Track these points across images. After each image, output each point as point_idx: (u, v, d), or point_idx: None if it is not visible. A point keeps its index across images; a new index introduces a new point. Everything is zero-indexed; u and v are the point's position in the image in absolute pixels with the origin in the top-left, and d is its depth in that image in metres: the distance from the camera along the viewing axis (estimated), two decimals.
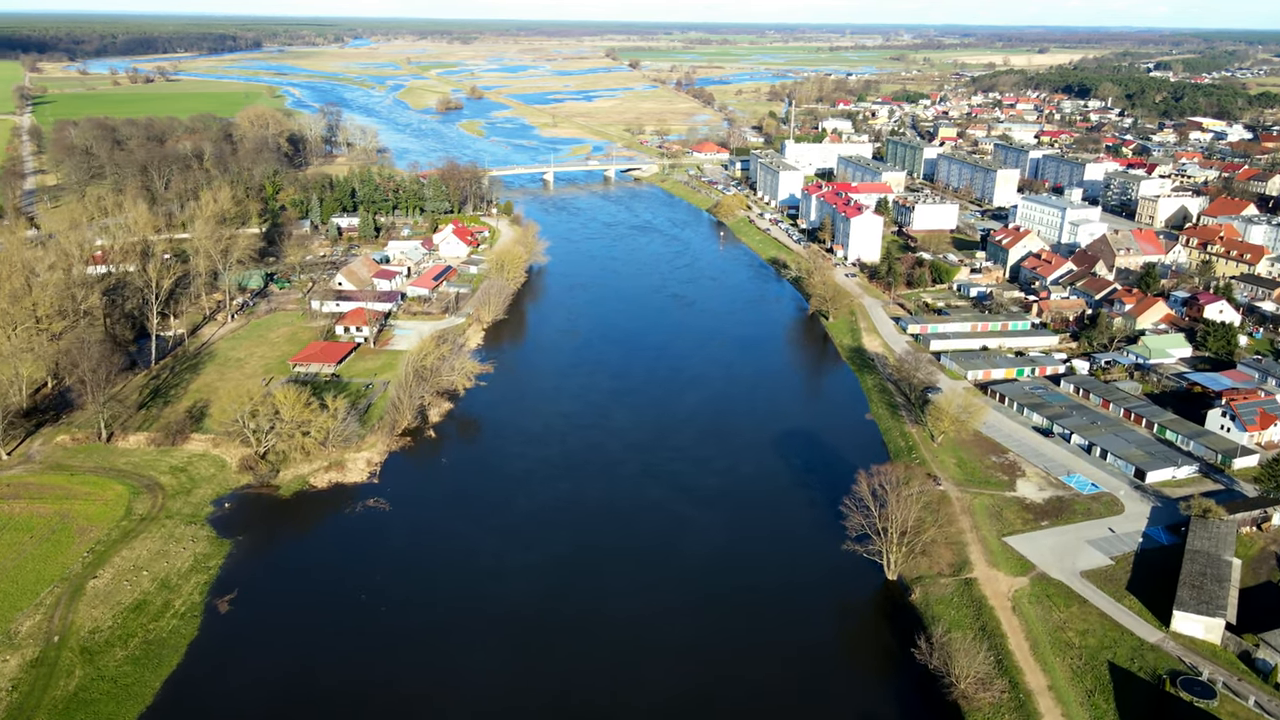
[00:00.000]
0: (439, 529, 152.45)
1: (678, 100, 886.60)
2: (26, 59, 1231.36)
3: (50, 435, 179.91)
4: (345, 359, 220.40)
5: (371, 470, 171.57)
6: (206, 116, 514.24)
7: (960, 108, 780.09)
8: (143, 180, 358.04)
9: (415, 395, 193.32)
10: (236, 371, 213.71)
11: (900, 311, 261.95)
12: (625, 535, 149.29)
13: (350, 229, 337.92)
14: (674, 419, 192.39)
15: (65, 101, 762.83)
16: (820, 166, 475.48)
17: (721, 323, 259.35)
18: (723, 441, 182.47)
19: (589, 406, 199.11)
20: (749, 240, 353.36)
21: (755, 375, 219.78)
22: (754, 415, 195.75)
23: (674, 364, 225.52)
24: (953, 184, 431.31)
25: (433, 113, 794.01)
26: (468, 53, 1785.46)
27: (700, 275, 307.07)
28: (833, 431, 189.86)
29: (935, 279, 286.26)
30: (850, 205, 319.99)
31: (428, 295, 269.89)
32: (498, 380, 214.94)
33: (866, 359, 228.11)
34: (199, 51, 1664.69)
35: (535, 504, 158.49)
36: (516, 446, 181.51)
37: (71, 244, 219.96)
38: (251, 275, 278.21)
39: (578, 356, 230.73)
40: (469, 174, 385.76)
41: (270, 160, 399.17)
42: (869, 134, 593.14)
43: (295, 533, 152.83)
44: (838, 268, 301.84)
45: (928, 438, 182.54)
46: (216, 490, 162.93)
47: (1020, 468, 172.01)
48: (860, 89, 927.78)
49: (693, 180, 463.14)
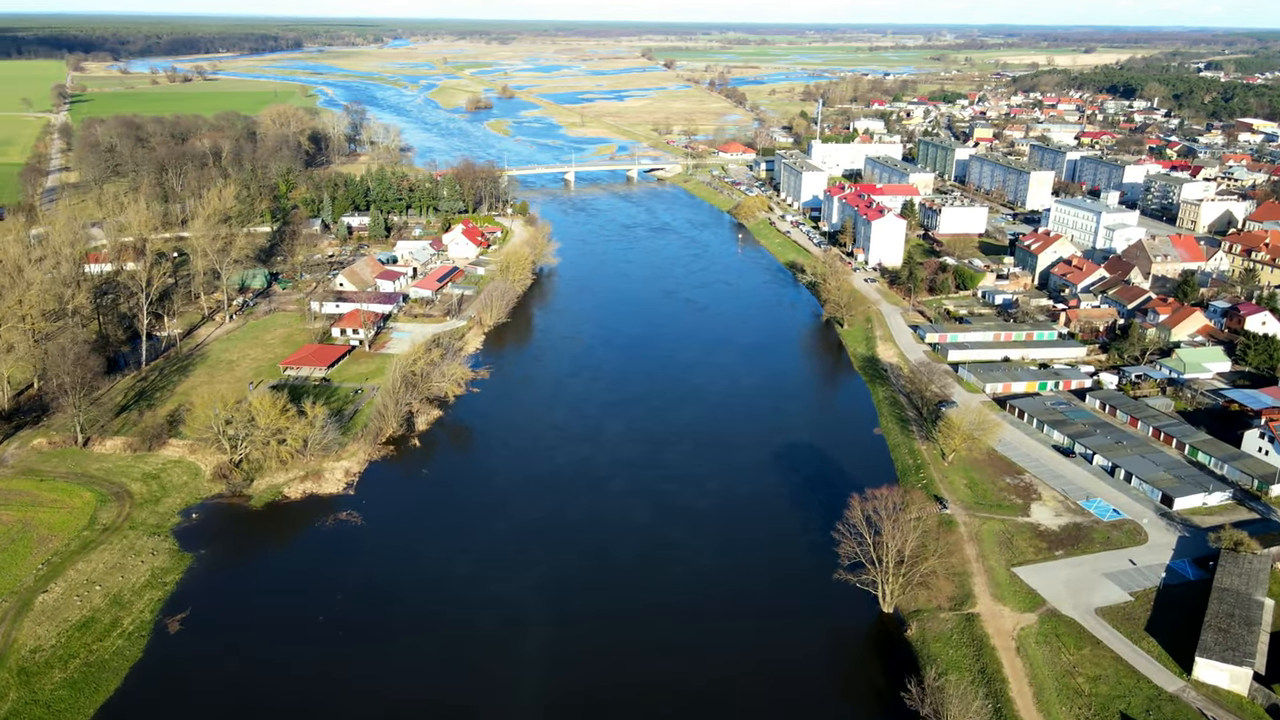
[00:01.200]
0: (410, 548, 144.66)
1: (709, 100, 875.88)
2: (72, 58, 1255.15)
3: (28, 438, 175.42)
4: (338, 362, 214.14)
5: (349, 481, 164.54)
6: (231, 114, 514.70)
7: (999, 108, 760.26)
8: (159, 178, 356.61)
9: (403, 402, 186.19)
10: (227, 374, 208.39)
11: (919, 319, 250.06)
12: (605, 562, 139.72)
13: (361, 228, 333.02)
14: (670, 433, 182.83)
15: (102, 100, 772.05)
16: (847, 167, 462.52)
17: (731, 329, 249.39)
18: (719, 458, 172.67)
19: (582, 418, 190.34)
20: (768, 243, 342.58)
21: (760, 386, 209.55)
22: (755, 429, 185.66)
23: (677, 373, 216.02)
24: (984, 186, 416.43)
25: (462, 112, 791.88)
26: (505, 53, 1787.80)
27: (715, 279, 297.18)
28: (838, 447, 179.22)
29: (959, 285, 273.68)
30: (872, 208, 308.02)
31: (431, 297, 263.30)
32: (492, 387, 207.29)
33: (879, 369, 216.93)
34: (240, 51, 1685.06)
35: (513, 525, 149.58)
36: (502, 460, 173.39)
37: (63, 242, 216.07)
38: (255, 274, 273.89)
39: (577, 364, 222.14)
40: (485, 173, 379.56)
41: (287, 158, 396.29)
42: (902, 135, 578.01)
43: (260, 547, 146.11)
44: (857, 272, 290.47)
45: (938, 455, 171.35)
46: (186, 499, 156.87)
47: (1036, 490, 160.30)
48: (897, 89, 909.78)
49: (716, 181, 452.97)
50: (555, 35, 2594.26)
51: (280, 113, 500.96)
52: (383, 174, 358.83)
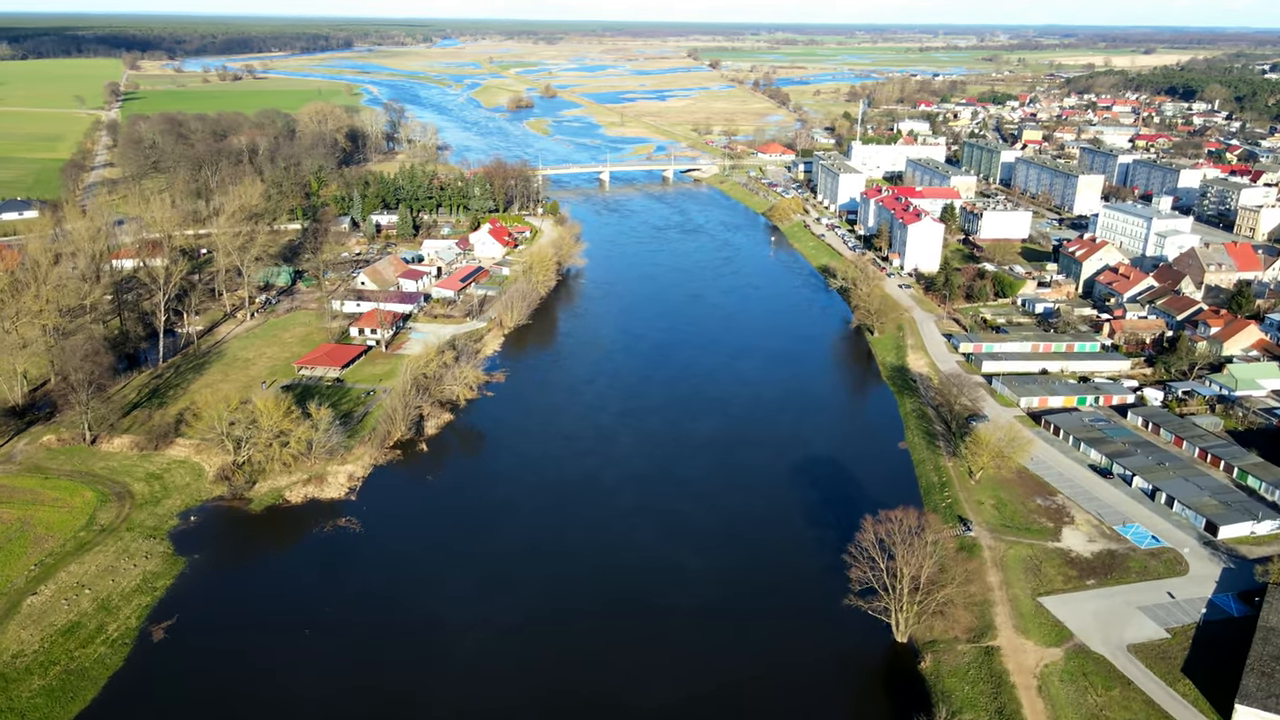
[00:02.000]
0: (405, 559, 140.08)
1: (752, 100, 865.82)
2: (129, 56, 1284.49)
3: (39, 434, 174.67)
4: (353, 363, 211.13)
5: (352, 485, 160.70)
6: (271, 112, 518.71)
7: (1050, 110, 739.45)
8: (194, 175, 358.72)
9: (412, 405, 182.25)
10: (241, 373, 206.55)
11: (954, 328, 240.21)
12: (602, 586, 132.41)
13: (390, 227, 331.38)
14: (685, 446, 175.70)
15: (153, 98, 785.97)
16: (888, 170, 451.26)
17: (757, 336, 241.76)
18: (734, 474, 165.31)
19: (595, 428, 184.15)
20: (801, 246, 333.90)
21: (783, 396, 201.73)
22: (774, 443, 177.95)
23: (697, 381, 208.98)
24: (1030, 190, 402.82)
25: (503, 111, 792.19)
26: (551, 53, 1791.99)
27: (744, 283, 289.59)
28: (859, 462, 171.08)
29: (998, 292, 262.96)
30: (909, 211, 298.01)
31: (453, 297, 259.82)
32: (507, 391, 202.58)
33: (908, 380, 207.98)
34: (292, 51, 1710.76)
35: (511, 542, 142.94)
36: (508, 468, 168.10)
37: (84, 238, 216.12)
38: (279, 272, 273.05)
39: (595, 369, 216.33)
40: (516, 172, 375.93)
41: (320, 156, 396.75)
42: (947, 137, 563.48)
43: (255, 553, 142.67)
44: (891, 278, 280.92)
45: (965, 473, 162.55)
46: (186, 501, 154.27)
47: (1069, 513, 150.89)
48: (945, 90, 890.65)
49: (752, 182, 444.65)
50: (602, 35, 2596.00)
51: (318, 110, 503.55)
52: (413, 172, 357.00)
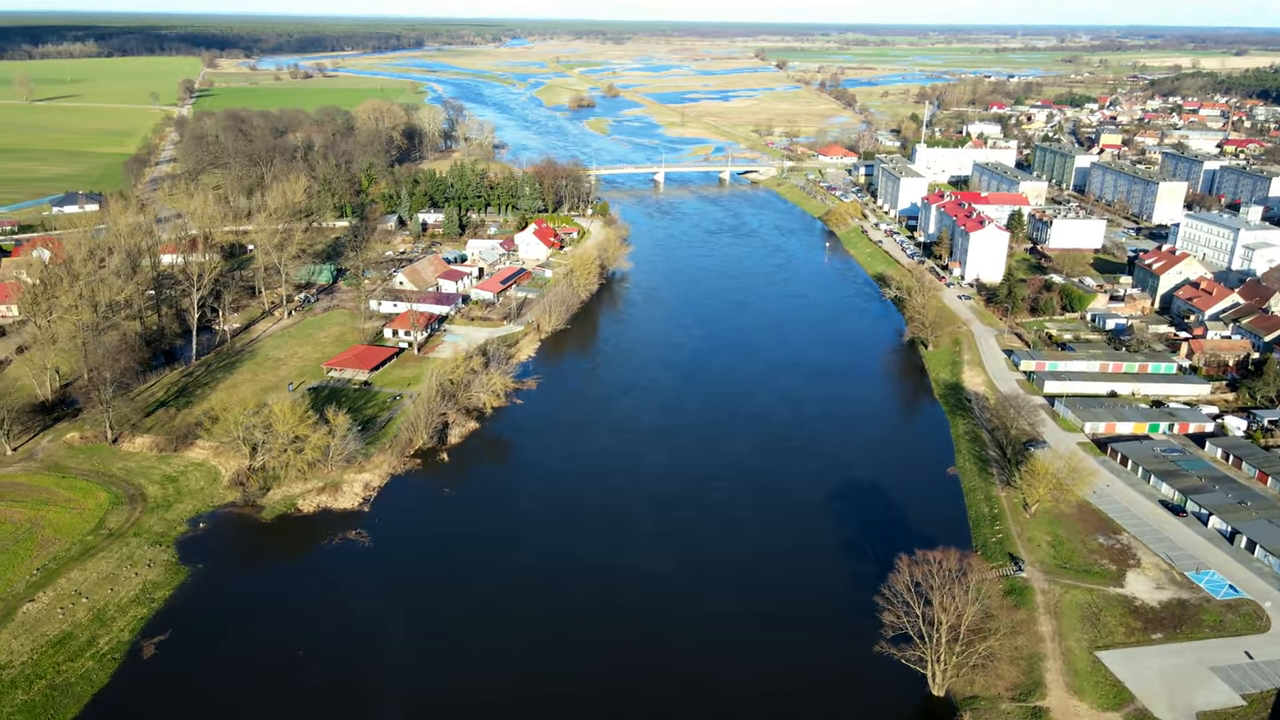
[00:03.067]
0: (411, 576, 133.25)
1: (817, 101, 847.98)
2: (208, 55, 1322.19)
3: (63, 431, 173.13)
4: (383, 365, 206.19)
5: (366, 496, 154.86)
6: (331, 109, 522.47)
7: (1131, 113, 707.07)
8: (247, 171, 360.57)
9: (437, 413, 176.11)
10: (271, 373, 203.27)
11: (1016, 343, 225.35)
12: (613, 622, 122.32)
13: (436, 225, 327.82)
14: (717, 467, 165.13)
15: (225, 95, 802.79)
16: (954, 174, 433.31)
17: (803, 348, 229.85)
18: (766, 499, 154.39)
19: (624, 443, 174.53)
20: (857, 253, 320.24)
21: (826, 414, 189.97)
22: (812, 465, 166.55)
23: (736, 396, 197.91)
24: (1105, 197, 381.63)
25: (564, 110, 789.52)
26: (618, 52, 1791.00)
27: (794, 291, 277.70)
28: (904, 489, 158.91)
29: (1065, 306, 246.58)
30: (972, 218, 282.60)
31: (492, 299, 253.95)
32: (537, 399, 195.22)
33: (963, 398, 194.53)
34: (364, 50, 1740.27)
35: (521, 567, 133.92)
36: (529, 484, 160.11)
37: (122, 233, 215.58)
38: (320, 270, 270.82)
39: (630, 379, 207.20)
40: (567, 172, 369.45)
41: (373, 153, 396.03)
42: (1019, 140, 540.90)
43: (258, 565, 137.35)
44: (950, 288, 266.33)
45: (1019, 505, 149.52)
46: (198, 506, 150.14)
47: (1135, 555, 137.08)
48: (1019, 92, 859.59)
49: (810, 185, 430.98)
50: (670, 35, 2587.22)
51: (375, 108, 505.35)
52: (463, 170, 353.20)
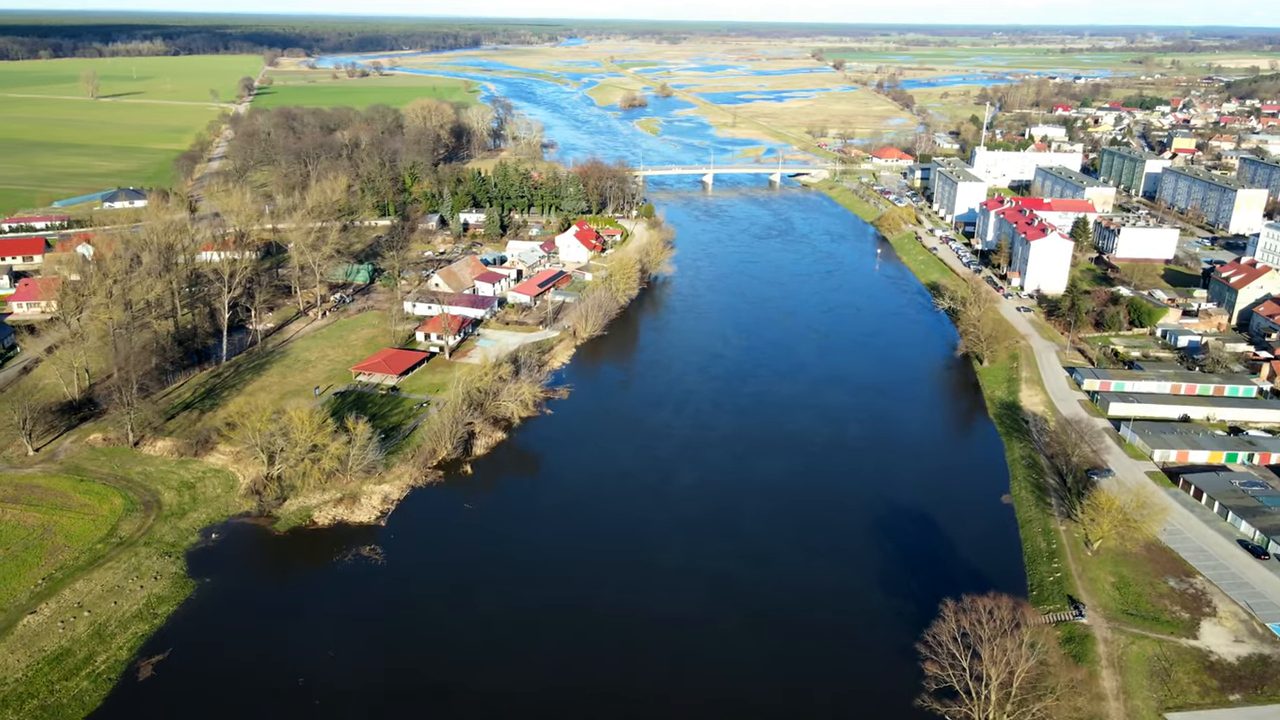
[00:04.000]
0: (422, 600, 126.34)
1: (874, 102, 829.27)
2: (269, 53, 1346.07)
3: (87, 432, 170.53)
4: (412, 370, 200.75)
5: (384, 509, 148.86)
6: (381, 108, 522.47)
7: (1206, 116, 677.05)
8: (292, 169, 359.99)
9: (462, 422, 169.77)
10: (299, 375, 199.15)
11: (1079, 360, 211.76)
12: (630, 661, 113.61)
13: (478, 225, 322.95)
14: (751, 491, 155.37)
15: (283, 93, 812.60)
16: (1016, 178, 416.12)
17: (849, 362, 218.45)
18: (801, 528, 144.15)
19: (653, 462, 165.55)
20: (910, 260, 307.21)
21: (870, 434, 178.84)
22: (855, 491, 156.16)
23: (775, 413, 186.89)
24: (1178, 204, 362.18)
25: (615, 109, 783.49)
26: (673, 52, 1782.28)
27: (843, 301, 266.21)
28: (953, 519, 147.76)
29: (1133, 321, 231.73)
30: (1033, 225, 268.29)
31: (528, 303, 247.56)
32: (567, 411, 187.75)
33: (1019, 420, 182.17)
34: (422, 49, 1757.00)
35: (537, 595, 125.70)
36: (551, 504, 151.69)
37: (155, 231, 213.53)
38: (358, 270, 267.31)
39: (664, 393, 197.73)
40: (612, 173, 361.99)
41: (421, 152, 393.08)
42: (1085, 143, 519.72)
43: (266, 581, 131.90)
44: (1009, 299, 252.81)
45: (1080, 541, 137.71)
46: (211, 516, 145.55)
47: (1210, 602, 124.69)
48: (1086, 94, 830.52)
49: (863, 188, 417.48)
50: (727, 36, 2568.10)
51: (424, 106, 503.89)
52: (506, 170, 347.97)
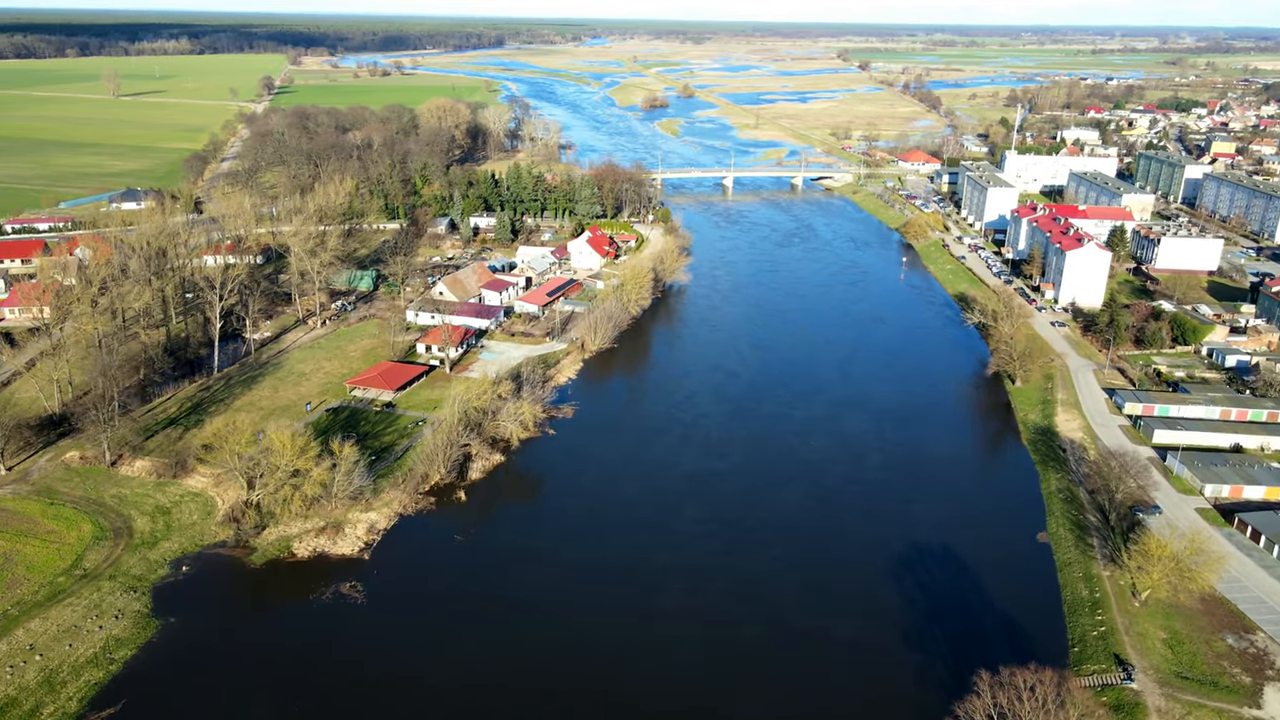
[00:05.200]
0: (401, 646, 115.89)
1: (900, 104, 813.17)
2: (293, 52, 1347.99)
3: (64, 449, 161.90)
4: (410, 385, 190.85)
5: (369, 540, 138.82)
6: (397, 108, 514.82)
7: (1245, 119, 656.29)
8: (299, 170, 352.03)
9: (458, 444, 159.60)
10: (292, 389, 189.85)
11: (1119, 380, 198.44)
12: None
13: (488, 230, 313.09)
14: (761, 528, 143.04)
15: (304, 92, 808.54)
16: (1047, 183, 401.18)
17: (871, 381, 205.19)
18: (817, 574, 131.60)
19: (657, 493, 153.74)
20: (937, 269, 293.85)
21: (893, 463, 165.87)
22: (876, 530, 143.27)
23: (790, 440, 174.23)
24: (1220, 212, 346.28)
25: (636, 110, 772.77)
26: (697, 52, 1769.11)
27: (866, 313, 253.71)
28: (985, 562, 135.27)
29: (1176, 338, 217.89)
30: (1068, 234, 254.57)
31: (536, 313, 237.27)
32: (571, 431, 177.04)
33: (1055, 447, 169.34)
34: (445, 49, 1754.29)
35: (521, 644, 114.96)
36: (546, 539, 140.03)
37: (145, 236, 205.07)
38: (362, 276, 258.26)
39: (673, 414, 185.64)
40: (628, 175, 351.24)
41: (432, 153, 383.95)
42: (1119, 147, 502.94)
43: (236, 623, 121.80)
44: (1042, 312, 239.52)
45: (1126, 589, 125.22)
46: (184, 545, 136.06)
47: (1274, 663, 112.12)
48: (1119, 95, 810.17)
49: (888, 193, 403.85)
50: (751, 36, 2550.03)
51: (439, 106, 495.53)
52: (519, 172, 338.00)
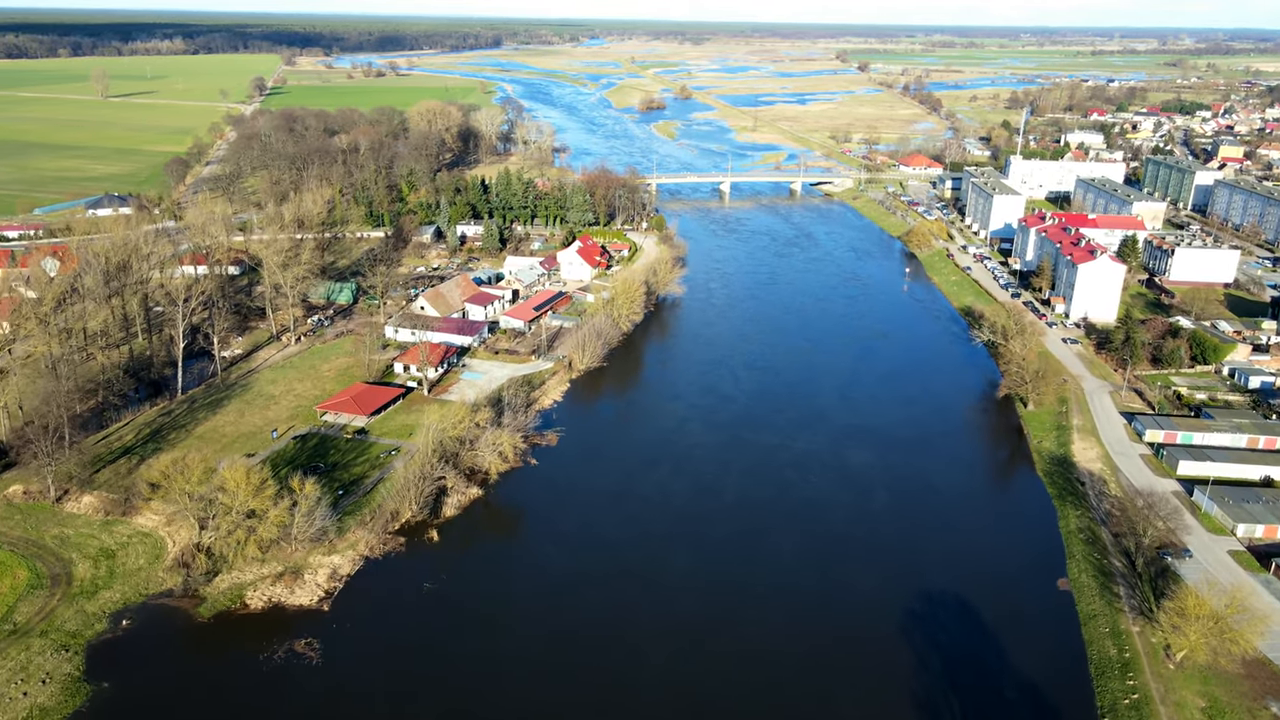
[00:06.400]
0: (356, 717, 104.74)
1: (900, 106, 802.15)
2: (288, 52, 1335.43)
3: (8, 483, 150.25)
4: (385, 409, 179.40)
5: (330, 588, 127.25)
6: (387, 110, 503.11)
7: (1250, 122, 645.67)
8: (280, 176, 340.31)
9: (432, 478, 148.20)
10: (259, 414, 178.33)
11: (1137, 403, 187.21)
12: None
13: (475, 238, 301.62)
14: (757, 580, 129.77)
15: (296, 93, 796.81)
16: (1053, 189, 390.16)
17: (876, 406, 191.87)
18: (818, 632, 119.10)
19: (642, 538, 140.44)
20: (941, 280, 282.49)
21: (899, 500, 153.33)
22: (881, 578, 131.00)
23: (789, 475, 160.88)
24: (1233, 220, 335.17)
25: (632, 112, 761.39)
26: (695, 53, 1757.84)
27: (868, 329, 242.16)
28: (1002, 613, 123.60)
29: (1196, 357, 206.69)
30: (1080, 245, 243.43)
31: (522, 329, 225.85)
32: (554, 461, 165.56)
33: (1073, 480, 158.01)
34: (441, 49, 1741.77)
35: (492, 716, 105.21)
36: (523, 587, 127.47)
37: (105, 251, 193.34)
38: (340, 289, 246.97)
39: (665, 442, 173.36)
40: (622, 182, 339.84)
41: (417, 157, 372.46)
42: (1125, 151, 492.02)
43: (175, 689, 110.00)
44: (1053, 328, 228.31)
45: (1159, 648, 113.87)
46: (127, 595, 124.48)
47: None
48: (1121, 97, 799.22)
49: (890, 199, 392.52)
50: (750, 36, 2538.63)
51: (429, 109, 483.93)
52: (508, 178, 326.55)
